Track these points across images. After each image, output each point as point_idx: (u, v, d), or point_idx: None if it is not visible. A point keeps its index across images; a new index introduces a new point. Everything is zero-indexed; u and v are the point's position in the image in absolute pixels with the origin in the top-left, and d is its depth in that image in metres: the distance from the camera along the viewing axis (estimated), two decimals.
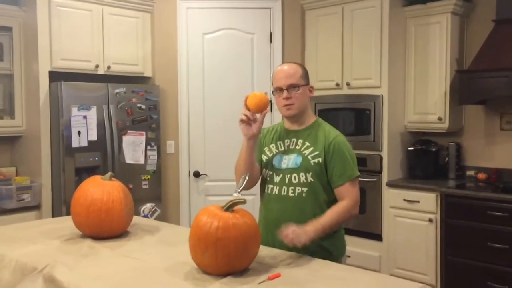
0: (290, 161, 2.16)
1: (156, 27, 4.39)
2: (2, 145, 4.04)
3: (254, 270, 1.81)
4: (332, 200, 2.15)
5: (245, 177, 2.12)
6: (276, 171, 2.19)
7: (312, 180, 2.12)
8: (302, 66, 2.24)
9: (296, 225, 1.95)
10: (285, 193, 2.15)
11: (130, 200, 2.29)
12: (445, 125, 4.07)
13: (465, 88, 3.85)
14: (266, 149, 2.25)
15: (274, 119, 4.23)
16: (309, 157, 2.13)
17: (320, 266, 1.87)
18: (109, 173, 2.32)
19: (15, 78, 3.88)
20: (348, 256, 4.05)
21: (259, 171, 2.25)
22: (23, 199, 3.74)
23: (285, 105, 2.16)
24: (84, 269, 1.80)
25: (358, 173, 2.16)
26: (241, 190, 2.08)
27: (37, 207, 3.78)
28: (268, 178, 2.22)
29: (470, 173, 4.20)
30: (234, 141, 2.34)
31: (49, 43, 3.78)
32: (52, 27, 3.80)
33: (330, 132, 2.18)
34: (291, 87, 2.14)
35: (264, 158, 2.24)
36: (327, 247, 2.13)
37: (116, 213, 2.19)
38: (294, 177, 2.14)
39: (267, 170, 2.22)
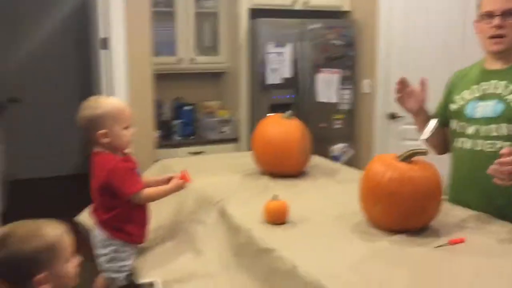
0: (487, 108, 1.76)
1: None
2: (209, 81, 4.36)
3: (433, 230, 1.58)
4: None
5: (434, 121, 1.83)
6: (468, 121, 1.81)
7: None
8: None
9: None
10: (479, 148, 1.77)
11: (307, 140, 2.22)
12: None
13: None
14: (456, 97, 1.88)
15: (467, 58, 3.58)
16: None
17: None
18: (289, 112, 2.28)
19: (219, 16, 4.08)
20: None
21: (444, 136, 1.96)
22: (224, 131, 4.02)
23: (493, 37, 1.73)
24: (255, 206, 1.80)
25: None
26: (427, 137, 1.81)
27: (235, 139, 4.03)
28: (458, 130, 1.86)
29: None
30: (441, 80, 2.03)
31: None
32: None
33: None
34: (509, 13, 1.69)
35: (453, 107, 1.88)
36: None
37: (293, 153, 2.16)
38: (492, 128, 1.74)
39: (457, 122, 1.86)
